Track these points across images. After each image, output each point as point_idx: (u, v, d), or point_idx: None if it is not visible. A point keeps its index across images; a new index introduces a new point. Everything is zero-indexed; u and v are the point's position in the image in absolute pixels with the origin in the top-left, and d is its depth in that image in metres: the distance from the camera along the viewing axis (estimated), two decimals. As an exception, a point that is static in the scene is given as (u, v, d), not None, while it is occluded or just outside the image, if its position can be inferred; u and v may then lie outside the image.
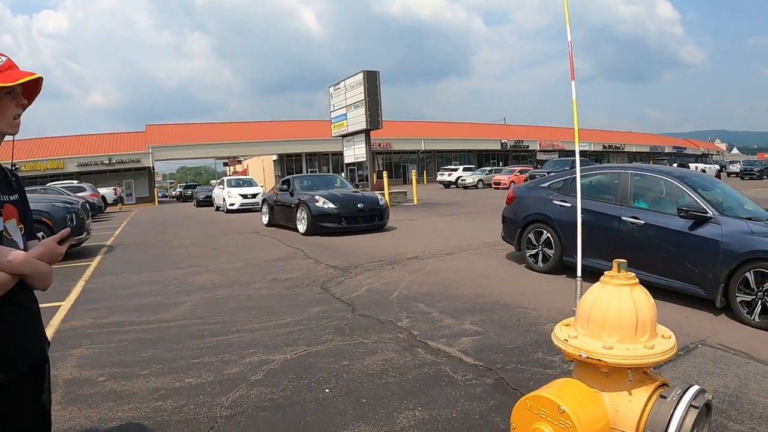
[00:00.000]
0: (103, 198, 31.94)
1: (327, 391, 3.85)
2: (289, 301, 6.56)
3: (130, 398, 3.89)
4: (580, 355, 2.01)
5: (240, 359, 4.53)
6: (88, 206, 13.52)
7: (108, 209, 33.58)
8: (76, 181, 31.92)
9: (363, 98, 24.33)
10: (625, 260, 2.08)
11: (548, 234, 7.88)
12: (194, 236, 15.27)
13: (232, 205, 25.65)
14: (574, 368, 2.16)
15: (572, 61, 4.69)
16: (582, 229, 4.73)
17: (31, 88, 1.87)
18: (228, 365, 4.41)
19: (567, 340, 2.09)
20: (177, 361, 4.57)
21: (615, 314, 2.00)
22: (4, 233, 1.81)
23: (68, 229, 1.94)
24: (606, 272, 2.11)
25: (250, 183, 28.38)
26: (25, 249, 1.87)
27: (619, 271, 2.06)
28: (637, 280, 2.07)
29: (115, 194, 37.31)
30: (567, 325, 2.24)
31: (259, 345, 4.87)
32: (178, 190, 59.18)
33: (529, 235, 8.20)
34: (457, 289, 6.92)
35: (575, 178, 6.86)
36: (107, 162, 46.82)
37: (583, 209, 5.23)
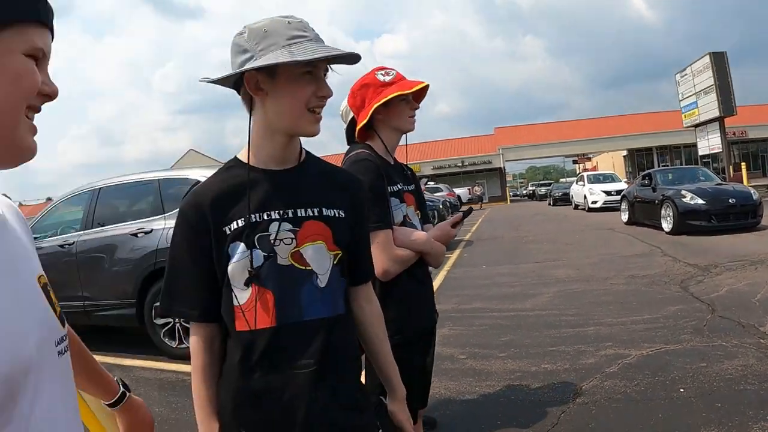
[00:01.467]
0: (459, 197, 34.32)
1: (681, 390, 3.59)
2: (645, 298, 6.25)
3: (487, 376, 4.20)
4: None
5: (595, 351, 4.50)
6: (448, 204, 14.82)
7: (463, 207, 35.93)
8: (432, 183, 34.91)
9: (712, 83, 21.70)
10: None
11: None
12: (548, 232, 15.51)
13: (594, 203, 22.90)
14: None
15: None
16: None
17: (419, 94, 2.17)
18: (583, 356, 4.42)
19: None
20: (533, 348, 4.75)
21: None
22: (406, 217, 2.11)
23: (461, 214, 2.20)
24: None
25: (612, 178, 25.25)
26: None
27: None
28: None
29: (470, 193, 39.67)
30: None
31: (615, 339, 4.76)
32: (530, 188, 60.00)
33: None
34: None
35: None
36: (460, 164, 50.28)
37: None
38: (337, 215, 1.39)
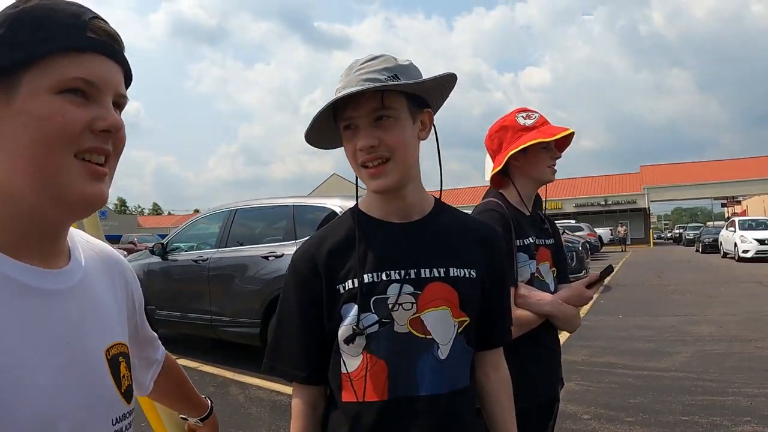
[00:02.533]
0: (600, 238, 32.85)
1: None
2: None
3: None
4: None
5: (732, 425, 4.28)
6: (588, 246, 14.34)
7: (603, 249, 34.46)
8: (573, 221, 33.75)
9: None
10: None
11: None
12: (692, 282, 14.61)
13: (745, 252, 21.15)
14: None
15: None
16: None
17: (563, 141, 1.99)
18: (718, 429, 4.22)
19: None
20: (665, 414, 4.59)
21: None
22: (535, 275, 1.91)
23: (598, 274, 1.91)
24: None
25: (766, 225, 22.87)
26: (555, 291, 1.97)
27: None
28: None
29: (612, 234, 37.91)
30: None
31: (755, 413, 4.49)
32: (677, 231, 56.28)
33: None
34: None
35: None
36: (603, 203, 48.38)
37: None
38: (467, 275, 1.24)
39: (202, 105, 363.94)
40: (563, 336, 7.56)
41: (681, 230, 52.11)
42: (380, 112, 1.16)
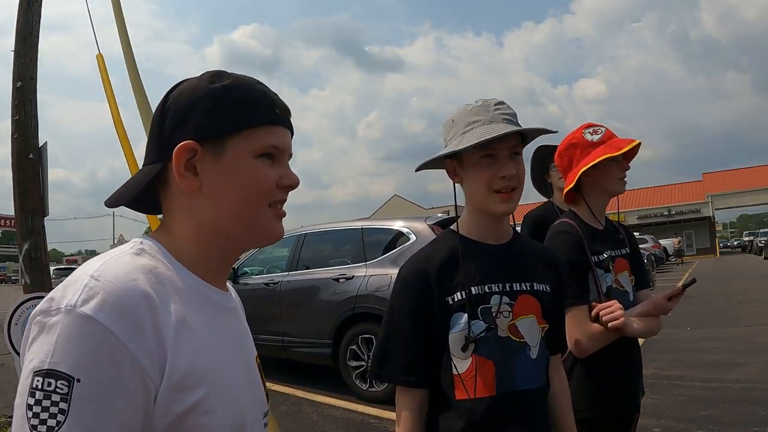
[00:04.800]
0: (665, 249, 32.04)
1: None
2: None
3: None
4: None
5: (808, 434, 4.16)
6: (653, 258, 14.02)
7: (669, 260, 33.49)
8: (637, 233, 32.86)
9: None
10: None
11: None
12: (761, 291, 14.07)
13: None
14: None
15: None
16: None
17: (629, 152, 1.99)
18: (793, 439, 4.12)
19: None
20: (736, 426, 4.49)
21: None
22: (613, 287, 1.96)
23: (680, 286, 1.89)
24: None
25: None
26: (635, 300, 2.01)
27: None
28: None
29: (675, 246, 36.77)
30: None
31: (832, 422, 4.35)
32: (746, 238, 53.60)
33: None
34: None
35: None
36: (666, 213, 47.02)
37: None
38: (545, 290, 1.47)
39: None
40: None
41: (751, 237, 48.98)
42: (516, 148, 1.42)
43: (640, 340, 2.05)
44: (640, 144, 1.97)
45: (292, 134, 0.98)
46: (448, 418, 1.38)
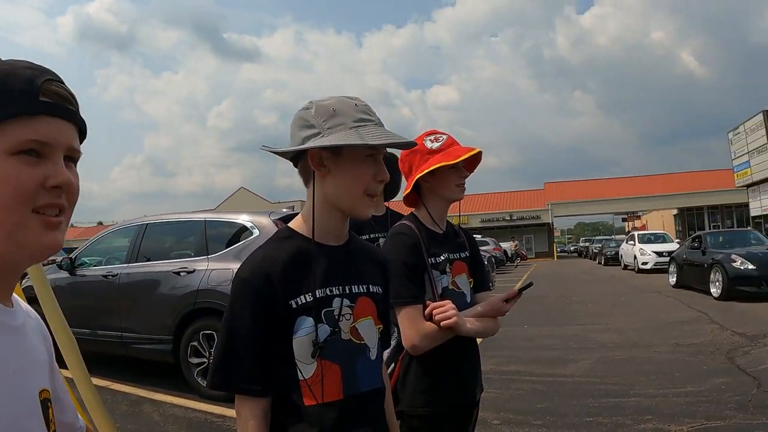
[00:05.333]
0: (505, 252, 33.98)
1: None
2: (690, 369, 6.10)
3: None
4: None
5: (634, 424, 4.40)
6: (493, 260, 14.72)
7: (507, 263, 35.55)
8: (479, 236, 34.63)
9: (766, 141, 21.20)
10: None
11: None
12: (594, 293, 15.25)
13: (644, 264, 22.05)
14: None
15: None
16: None
17: (473, 160, 2.06)
18: (621, 429, 4.33)
19: None
20: (570, 417, 4.68)
21: None
22: (450, 287, 1.99)
23: (517, 290, 1.96)
24: None
25: (663, 239, 24.46)
26: (473, 301, 2.05)
27: None
28: None
29: (514, 249, 39.09)
30: None
31: (656, 412, 4.64)
32: (582, 244, 57.79)
33: None
34: None
35: None
36: (508, 218, 49.95)
37: None
38: (378, 291, 1.46)
39: (107, 113, 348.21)
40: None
41: (587, 243, 52.10)
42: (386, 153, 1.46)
43: (478, 339, 2.04)
44: (481, 153, 2.02)
45: (80, 126, 0.84)
46: (296, 427, 1.32)
